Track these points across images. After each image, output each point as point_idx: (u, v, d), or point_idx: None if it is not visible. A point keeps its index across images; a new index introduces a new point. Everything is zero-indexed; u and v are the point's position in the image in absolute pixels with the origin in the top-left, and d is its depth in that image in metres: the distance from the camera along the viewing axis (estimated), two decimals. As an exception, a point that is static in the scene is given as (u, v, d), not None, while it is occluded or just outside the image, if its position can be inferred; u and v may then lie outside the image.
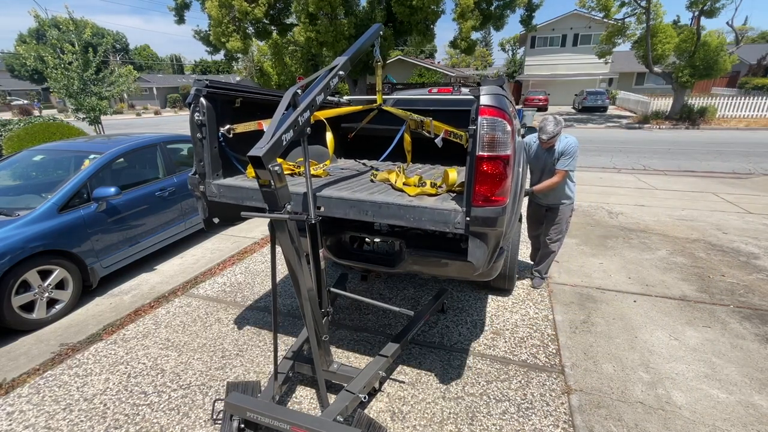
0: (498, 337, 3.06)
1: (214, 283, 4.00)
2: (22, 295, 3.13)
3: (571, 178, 3.36)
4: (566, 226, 3.57)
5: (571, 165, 3.22)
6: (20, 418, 2.32)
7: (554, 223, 3.52)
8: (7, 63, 40.64)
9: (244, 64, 32.83)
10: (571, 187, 3.41)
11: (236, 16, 17.62)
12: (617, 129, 17.73)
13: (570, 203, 3.47)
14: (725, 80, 30.87)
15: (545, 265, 3.77)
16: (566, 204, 3.46)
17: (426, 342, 3.00)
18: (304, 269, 1.95)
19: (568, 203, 3.46)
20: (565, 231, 3.59)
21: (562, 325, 3.19)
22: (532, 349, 2.90)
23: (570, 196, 3.44)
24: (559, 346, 2.93)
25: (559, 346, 2.93)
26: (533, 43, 32.33)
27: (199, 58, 59.21)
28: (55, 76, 11.12)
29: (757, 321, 3.18)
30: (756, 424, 2.21)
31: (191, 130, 2.40)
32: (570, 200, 3.46)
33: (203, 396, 2.48)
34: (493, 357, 2.82)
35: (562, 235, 3.60)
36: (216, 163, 2.49)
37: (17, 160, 4.36)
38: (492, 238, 1.96)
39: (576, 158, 3.24)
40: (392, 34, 18.44)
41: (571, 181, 3.39)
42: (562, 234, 3.59)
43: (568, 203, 3.46)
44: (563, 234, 3.60)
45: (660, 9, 17.27)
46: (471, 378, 2.61)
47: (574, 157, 3.21)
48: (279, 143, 1.67)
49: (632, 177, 8.41)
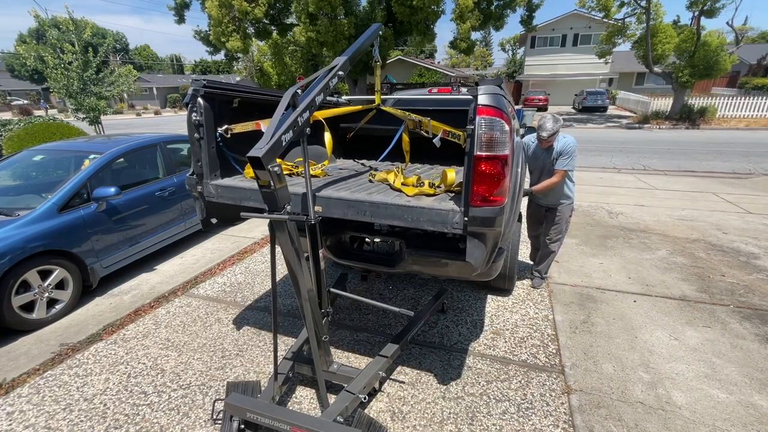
0: (498, 337, 3.06)
1: (214, 283, 4.00)
2: (22, 295, 3.13)
3: (570, 178, 3.36)
4: (566, 226, 3.58)
5: (570, 165, 3.22)
6: (20, 418, 2.32)
7: (554, 223, 3.52)
8: (7, 63, 40.63)
9: (244, 64, 32.83)
10: (570, 187, 3.41)
11: (236, 15, 17.62)
12: (617, 129, 17.72)
13: (569, 203, 3.47)
14: (725, 80, 30.87)
15: (545, 265, 3.77)
16: (566, 204, 3.46)
17: (426, 342, 3.00)
18: (304, 270, 1.95)
19: (568, 203, 3.47)
20: (564, 231, 3.59)
21: (562, 325, 3.19)
22: (532, 349, 2.90)
23: (569, 196, 3.44)
24: (559, 346, 2.93)
25: (559, 346, 2.93)
26: (533, 43, 32.32)
27: (200, 58, 59.23)
28: (55, 76, 11.12)
29: (757, 321, 3.18)
30: (756, 424, 2.21)
31: (189, 130, 2.40)
32: (569, 200, 3.46)
33: (203, 396, 2.48)
34: (493, 357, 2.82)
35: (562, 235, 3.60)
36: (214, 163, 2.49)
37: (17, 160, 4.36)
38: (490, 238, 1.96)
39: (575, 158, 3.23)
40: (392, 34, 18.43)
41: (571, 181, 3.39)
42: (562, 234, 3.59)
43: (567, 203, 3.46)
44: (563, 234, 3.60)
45: (660, 9, 17.27)
46: (471, 378, 2.61)
47: (573, 156, 3.21)
48: (279, 144, 1.67)
49: (632, 177, 8.41)
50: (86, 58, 11.44)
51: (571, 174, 3.32)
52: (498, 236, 1.99)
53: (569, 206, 3.49)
